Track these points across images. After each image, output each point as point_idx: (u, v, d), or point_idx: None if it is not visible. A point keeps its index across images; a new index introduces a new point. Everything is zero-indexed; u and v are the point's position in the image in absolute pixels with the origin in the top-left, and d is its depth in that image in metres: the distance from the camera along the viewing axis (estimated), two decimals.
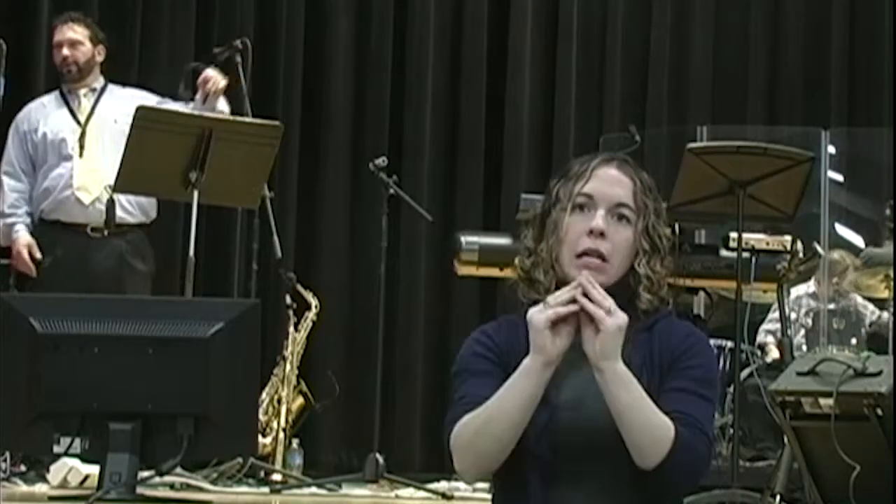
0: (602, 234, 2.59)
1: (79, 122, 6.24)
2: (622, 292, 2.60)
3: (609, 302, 2.47)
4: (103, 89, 6.36)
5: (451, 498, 5.72)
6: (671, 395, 2.55)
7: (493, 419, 2.52)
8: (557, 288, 2.61)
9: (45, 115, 6.29)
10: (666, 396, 2.54)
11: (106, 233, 6.14)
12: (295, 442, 6.40)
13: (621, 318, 2.47)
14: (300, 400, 6.53)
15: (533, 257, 2.65)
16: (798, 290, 7.77)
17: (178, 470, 5.15)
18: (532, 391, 2.50)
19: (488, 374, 2.60)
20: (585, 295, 2.48)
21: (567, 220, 2.63)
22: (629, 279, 2.63)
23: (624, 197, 2.63)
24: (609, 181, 2.65)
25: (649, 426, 2.49)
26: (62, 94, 6.35)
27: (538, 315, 2.47)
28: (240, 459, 5.72)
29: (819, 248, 6.10)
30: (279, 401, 6.42)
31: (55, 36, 6.36)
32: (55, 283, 5.96)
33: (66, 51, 6.29)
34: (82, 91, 6.33)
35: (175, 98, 6.25)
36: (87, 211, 6.14)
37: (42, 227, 6.22)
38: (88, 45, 6.34)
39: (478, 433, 2.53)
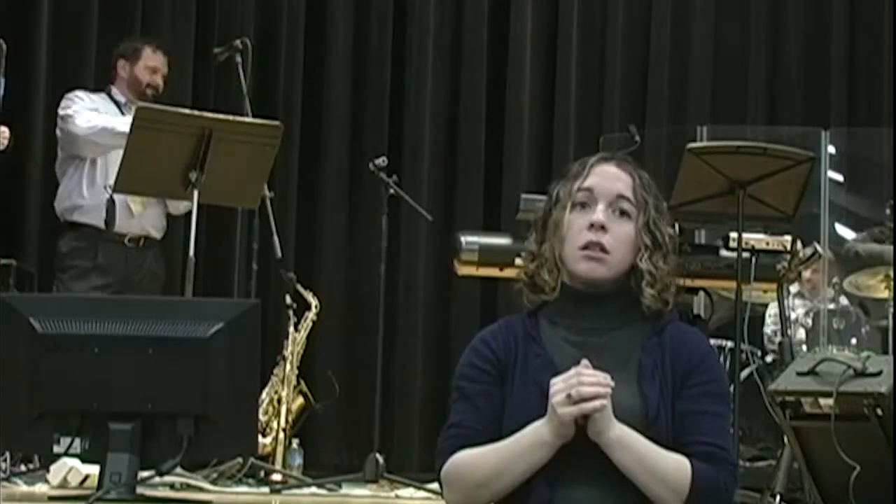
0: (603, 227, 2.61)
1: None
2: (626, 294, 2.62)
3: (602, 382, 2.49)
4: None
5: None
6: (690, 419, 2.58)
7: (501, 475, 2.55)
8: (563, 287, 2.63)
9: (108, 111, 6.31)
10: (685, 421, 2.58)
11: (142, 242, 6.20)
12: (295, 442, 6.39)
13: (606, 398, 2.49)
14: (300, 400, 6.51)
15: (537, 260, 2.67)
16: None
17: (178, 470, 5.13)
18: (545, 459, 2.53)
19: (482, 396, 2.61)
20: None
21: (568, 217, 2.64)
22: (631, 279, 2.64)
23: (624, 190, 2.65)
24: (608, 176, 2.67)
25: (660, 478, 2.52)
26: (115, 101, 6.38)
27: (565, 410, 2.48)
28: (240, 459, 5.72)
29: (819, 248, 6.09)
30: (279, 401, 6.41)
31: (152, 60, 6.42)
32: (97, 289, 5.98)
33: (158, 79, 6.42)
34: (133, 106, 6.38)
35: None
36: (131, 221, 6.18)
37: (75, 231, 6.21)
38: None
39: (479, 486, 2.56)
